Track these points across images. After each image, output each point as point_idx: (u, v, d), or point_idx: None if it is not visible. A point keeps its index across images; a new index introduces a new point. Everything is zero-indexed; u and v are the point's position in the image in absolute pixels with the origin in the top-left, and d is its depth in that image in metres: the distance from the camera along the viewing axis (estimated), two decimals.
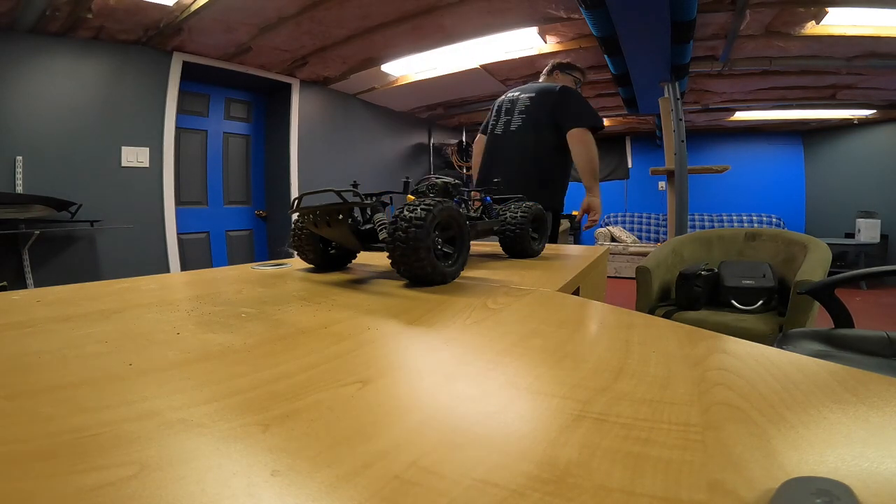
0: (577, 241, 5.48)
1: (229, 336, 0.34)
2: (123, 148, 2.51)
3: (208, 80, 3.03)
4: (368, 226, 0.62)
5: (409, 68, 3.24)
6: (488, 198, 0.81)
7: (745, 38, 2.54)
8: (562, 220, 1.91)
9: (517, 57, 2.90)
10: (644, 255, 4.23)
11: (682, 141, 2.59)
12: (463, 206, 0.79)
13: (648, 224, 5.69)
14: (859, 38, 2.45)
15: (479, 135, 1.98)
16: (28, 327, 0.37)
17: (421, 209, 0.51)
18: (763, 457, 0.17)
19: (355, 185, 0.63)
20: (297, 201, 0.62)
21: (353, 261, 0.74)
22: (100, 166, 2.43)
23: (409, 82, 3.45)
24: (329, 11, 2.27)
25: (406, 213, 0.51)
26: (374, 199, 0.63)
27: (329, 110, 3.66)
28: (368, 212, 0.64)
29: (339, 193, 0.57)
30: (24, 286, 2.17)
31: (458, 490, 0.15)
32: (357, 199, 0.60)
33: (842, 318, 1.21)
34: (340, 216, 0.58)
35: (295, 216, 0.66)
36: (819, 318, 1.58)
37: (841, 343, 1.09)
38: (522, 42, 2.74)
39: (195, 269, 0.88)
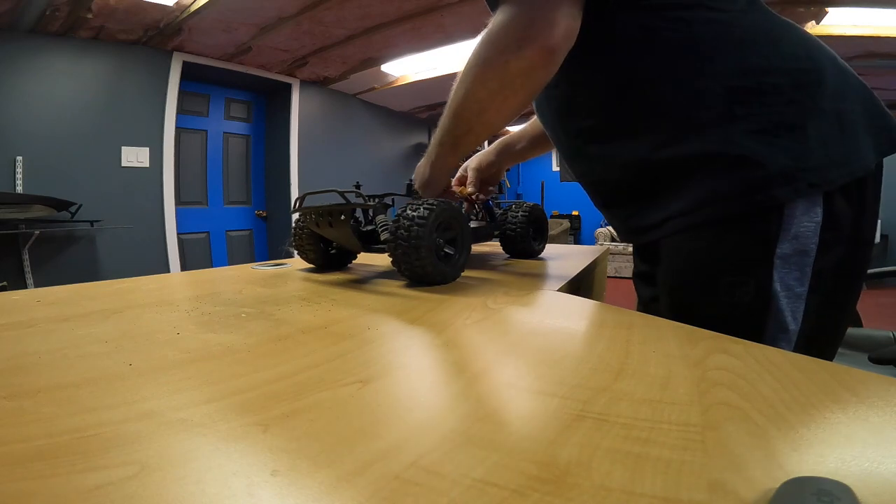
0: (576, 241, 5.49)
1: (229, 336, 0.34)
2: (123, 148, 2.52)
3: (208, 80, 3.03)
4: (370, 227, 0.62)
5: (409, 68, 3.24)
6: (490, 200, 0.81)
7: None
8: (561, 221, 1.89)
9: None
10: None
11: None
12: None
13: None
14: (859, 38, 2.45)
15: None
16: (28, 327, 0.37)
17: (423, 208, 0.52)
18: (763, 457, 0.17)
19: (358, 186, 0.63)
20: (299, 201, 0.62)
21: (354, 261, 0.74)
22: (100, 166, 2.43)
23: (408, 82, 3.45)
24: (329, 11, 2.27)
25: (409, 211, 0.52)
26: (376, 200, 0.63)
27: (329, 110, 3.66)
28: (370, 213, 0.64)
29: (342, 194, 0.57)
30: (24, 286, 2.17)
31: (458, 490, 0.15)
32: (360, 201, 0.60)
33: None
34: (342, 217, 0.58)
35: (296, 216, 0.66)
36: None
37: (846, 341, 1.09)
38: None
39: (195, 269, 0.88)
